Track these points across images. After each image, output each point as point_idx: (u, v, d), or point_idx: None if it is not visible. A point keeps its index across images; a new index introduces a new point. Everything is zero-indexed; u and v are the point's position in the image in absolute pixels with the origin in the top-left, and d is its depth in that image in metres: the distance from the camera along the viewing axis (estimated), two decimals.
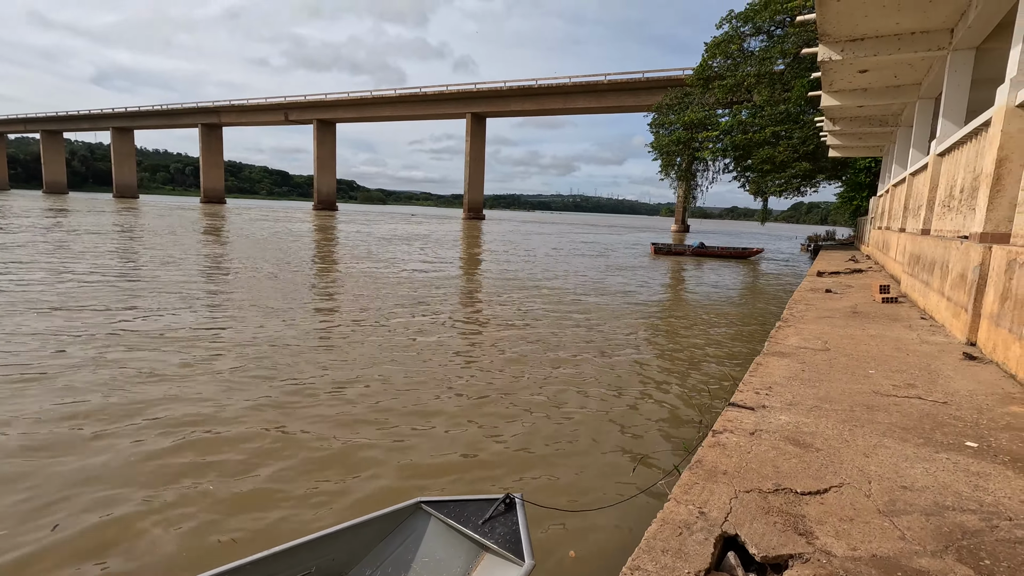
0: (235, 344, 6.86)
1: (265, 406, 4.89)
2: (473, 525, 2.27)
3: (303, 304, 9.68)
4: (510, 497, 2.35)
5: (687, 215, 67.73)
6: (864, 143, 17.42)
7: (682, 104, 32.52)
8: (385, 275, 14.11)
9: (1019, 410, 2.83)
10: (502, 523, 2.26)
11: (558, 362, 6.76)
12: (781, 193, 32.10)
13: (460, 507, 2.35)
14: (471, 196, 73.40)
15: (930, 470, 2.17)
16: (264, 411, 4.77)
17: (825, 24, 7.22)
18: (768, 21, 26.49)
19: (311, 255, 18.46)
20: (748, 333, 9.15)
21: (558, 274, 16.33)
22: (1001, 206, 4.24)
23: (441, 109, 71.96)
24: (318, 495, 3.48)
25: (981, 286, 4.13)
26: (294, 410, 4.84)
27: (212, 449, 4.01)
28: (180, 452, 3.94)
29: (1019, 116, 4.12)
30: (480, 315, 9.54)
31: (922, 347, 4.34)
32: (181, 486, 3.49)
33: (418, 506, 2.40)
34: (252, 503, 3.35)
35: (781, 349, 4.23)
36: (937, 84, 9.31)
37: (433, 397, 5.33)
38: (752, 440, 2.46)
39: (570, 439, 4.51)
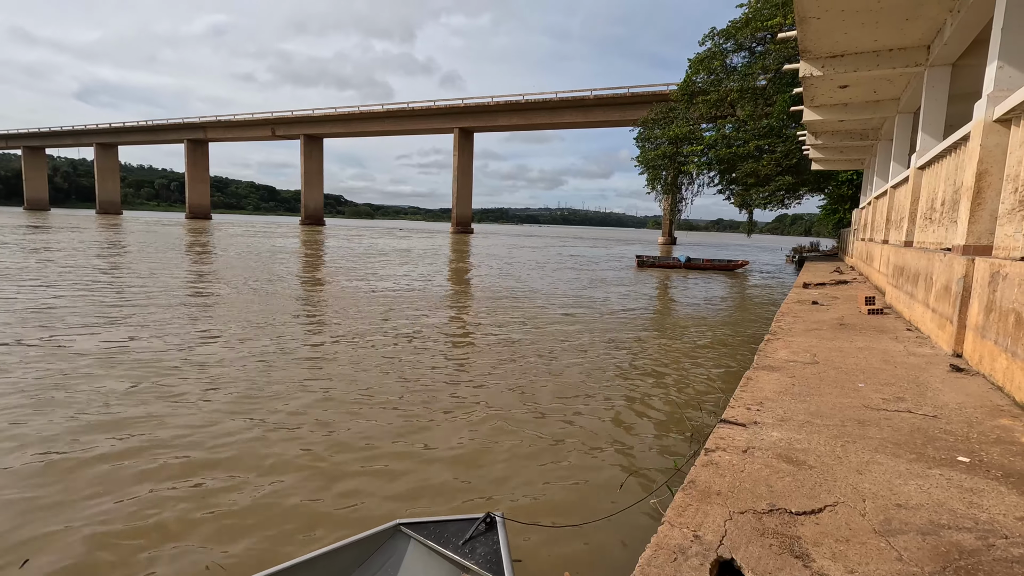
0: (207, 364, 6.73)
1: (243, 428, 4.78)
2: (453, 546, 2.23)
3: (281, 321, 9.56)
4: (491, 516, 2.32)
5: (674, 227, 68.36)
6: (846, 156, 17.73)
7: (667, 119, 32.98)
8: (366, 291, 14.01)
9: (1008, 423, 2.83)
10: (483, 543, 2.23)
11: (542, 377, 6.70)
12: (766, 206, 32.56)
13: (440, 528, 2.31)
14: (459, 210, 73.54)
15: (924, 487, 2.15)
16: (242, 432, 4.66)
17: (806, 41, 7.36)
18: (749, 38, 27.04)
19: (293, 271, 18.30)
20: (737, 345, 9.18)
21: (541, 288, 16.28)
22: (982, 219, 4.30)
23: (429, 124, 72.32)
24: (296, 518, 3.39)
25: (965, 298, 4.17)
26: (273, 430, 4.73)
27: (186, 473, 3.90)
28: (155, 477, 3.82)
29: (996, 131, 4.20)
30: (463, 332, 9.47)
31: (909, 359, 4.36)
32: (159, 512, 3.38)
33: (397, 528, 2.35)
34: (228, 529, 3.25)
35: (771, 363, 4.22)
36: (915, 99, 9.51)
37: (414, 414, 5.26)
38: (745, 458, 2.43)
39: (557, 455, 4.46)
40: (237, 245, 29.64)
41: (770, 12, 25.08)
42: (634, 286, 18.26)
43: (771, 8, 25.03)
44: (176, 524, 3.26)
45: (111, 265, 17.37)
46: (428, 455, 4.38)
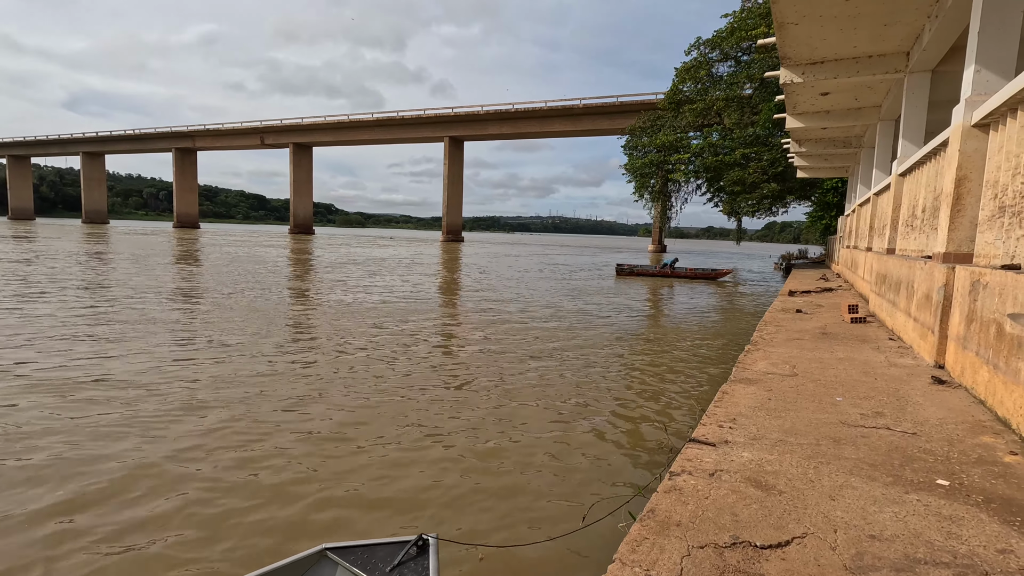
0: (165, 380, 6.50)
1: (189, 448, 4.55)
2: (380, 572, 2.07)
3: (254, 334, 9.33)
4: (423, 538, 2.17)
5: (664, 235, 68.63)
6: (830, 164, 17.79)
7: (655, 127, 33.13)
8: (347, 300, 13.78)
9: (990, 440, 2.69)
10: (412, 568, 2.08)
11: (507, 394, 6.44)
12: (754, 213, 32.72)
13: (368, 552, 2.15)
14: (450, 219, 73.42)
15: (900, 514, 1.99)
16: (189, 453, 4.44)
17: (785, 47, 7.30)
18: (734, 47, 27.24)
19: (275, 281, 18.03)
20: (717, 357, 9.05)
21: (515, 299, 15.94)
22: (962, 226, 4.19)
23: (419, 133, 72.34)
24: (228, 539, 3.17)
25: (946, 307, 4.05)
26: (225, 449, 4.51)
27: (100, 497, 3.68)
28: (72, 509, 3.60)
29: (975, 136, 4.10)
30: (439, 341, 9.26)
31: (890, 370, 4.23)
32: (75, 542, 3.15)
33: (323, 553, 2.18)
34: (142, 557, 3.03)
35: (748, 375, 4.08)
36: (896, 106, 9.50)
37: (360, 430, 5.06)
38: (711, 483, 2.26)
39: (518, 471, 4.29)
40: (215, 255, 29.26)
41: (754, 22, 25.31)
42: (612, 296, 17.65)
43: (755, 18, 25.27)
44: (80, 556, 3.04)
45: (92, 277, 17.02)
46: (368, 472, 4.20)
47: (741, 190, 28.55)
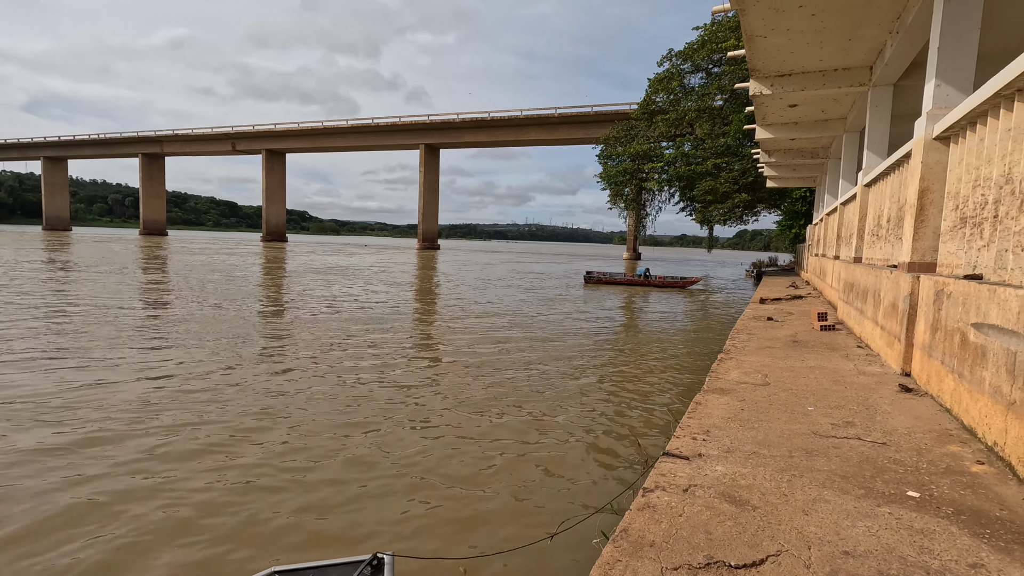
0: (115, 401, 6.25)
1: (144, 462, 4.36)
2: None
3: (208, 342, 9.06)
4: (378, 558, 2.07)
5: (638, 243, 69.41)
6: (798, 174, 18.22)
7: (628, 136, 33.56)
8: (317, 311, 13.51)
9: (957, 449, 2.71)
10: None
11: (479, 402, 6.37)
12: (725, 222, 33.31)
13: (319, 574, 2.04)
14: (426, 226, 73.06)
15: (872, 529, 1.98)
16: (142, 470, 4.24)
17: (754, 59, 7.44)
18: (705, 59, 27.80)
19: (243, 291, 17.61)
20: (690, 365, 9.11)
21: (482, 309, 15.84)
22: (926, 236, 4.28)
23: (394, 140, 71.97)
24: (176, 561, 3.02)
25: (912, 316, 4.11)
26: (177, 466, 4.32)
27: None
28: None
29: (936, 148, 4.20)
30: (407, 353, 9.10)
31: (859, 379, 4.27)
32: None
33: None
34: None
35: (721, 385, 4.07)
36: (861, 118, 9.76)
37: (321, 445, 4.92)
38: (685, 499, 2.22)
39: (485, 486, 4.20)
40: (180, 263, 28.49)
41: (724, 35, 25.88)
42: (581, 304, 17.38)
43: (725, 31, 25.84)
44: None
45: (52, 288, 16.38)
46: (328, 490, 4.06)
47: (713, 199, 29.07)
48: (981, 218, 3.31)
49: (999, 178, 3.08)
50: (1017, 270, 2.78)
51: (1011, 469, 2.42)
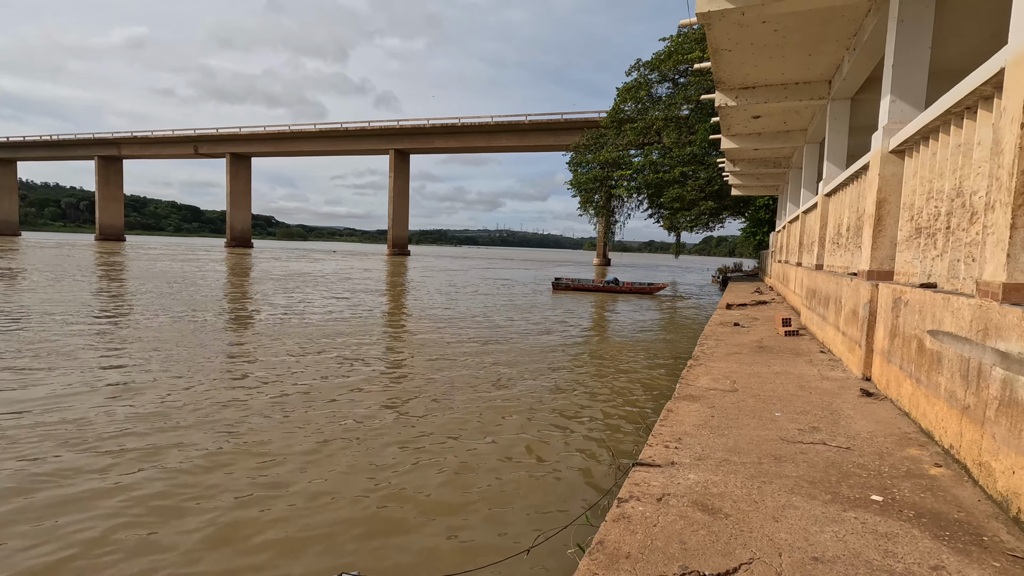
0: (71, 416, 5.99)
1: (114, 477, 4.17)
2: None
3: (174, 359, 8.77)
4: None
5: (608, 249, 70.23)
6: (762, 183, 18.75)
7: (598, 144, 34.00)
8: (283, 320, 13.21)
9: (916, 453, 2.81)
10: None
11: (447, 412, 6.26)
12: (692, 228, 34.01)
13: None
14: (395, 232, 72.39)
15: (839, 534, 2.03)
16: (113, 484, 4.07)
17: (720, 72, 7.63)
18: (672, 70, 28.41)
19: (205, 299, 17.11)
20: (660, 373, 9.23)
21: (459, 312, 15.80)
22: (884, 245, 4.45)
23: (364, 145, 71.18)
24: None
25: (872, 323, 4.26)
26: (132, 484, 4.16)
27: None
28: None
29: (892, 161, 4.38)
30: (373, 363, 8.95)
31: (823, 384, 4.40)
32: None
33: None
34: None
35: (691, 392, 4.14)
36: (821, 130, 10.11)
37: (283, 457, 4.80)
38: (659, 508, 2.24)
39: (456, 499, 4.15)
40: (135, 270, 27.52)
41: (690, 47, 26.52)
42: (548, 311, 17.07)
43: (691, 43, 26.49)
44: None
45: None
46: (292, 506, 3.97)
47: (681, 207, 29.67)
48: (935, 229, 3.46)
49: (951, 191, 3.22)
50: (968, 279, 2.91)
51: (966, 471, 2.52)
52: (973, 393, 2.48)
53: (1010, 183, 2.29)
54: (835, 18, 5.86)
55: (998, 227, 2.37)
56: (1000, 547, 1.92)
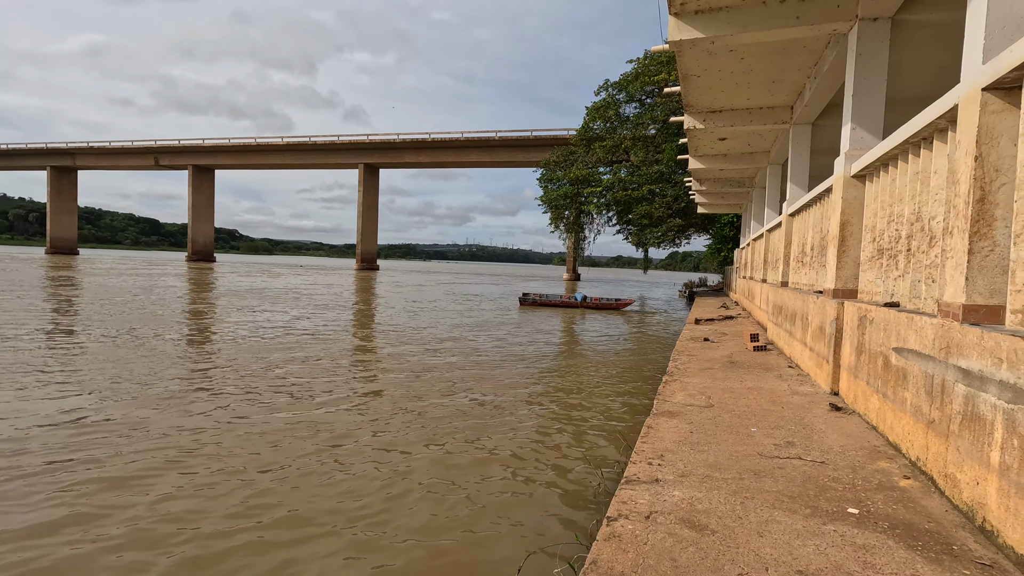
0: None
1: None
2: None
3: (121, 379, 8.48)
4: None
5: (577, 264, 71.00)
6: (726, 201, 19.35)
7: (568, 161, 34.54)
8: (243, 336, 12.90)
9: (886, 466, 2.94)
10: None
11: (421, 435, 6.11)
12: (659, 244, 34.72)
13: None
14: (364, 246, 71.66)
15: (821, 547, 2.11)
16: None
17: (688, 96, 7.91)
18: (639, 91, 29.20)
19: (159, 315, 16.57)
20: (633, 389, 9.35)
21: (426, 329, 15.72)
22: (848, 264, 4.66)
23: (332, 159, 70.52)
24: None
25: (838, 339, 4.45)
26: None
27: None
28: None
29: (854, 185, 4.62)
30: (340, 382, 8.80)
31: (794, 398, 4.56)
32: None
33: None
34: None
35: (669, 408, 4.22)
36: (783, 152, 10.54)
37: (242, 490, 4.67)
38: (648, 527, 2.28)
39: (440, 521, 4.11)
40: (88, 286, 26.45)
41: (656, 68, 27.35)
42: (516, 328, 16.84)
43: (657, 65, 27.32)
44: None
45: None
46: (264, 534, 3.87)
47: (649, 223, 30.31)
48: (896, 251, 3.65)
49: (910, 215, 3.42)
50: (929, 299, 3.09)
51: (933, 483, 2.65)
52: (938, 408, 2.62)
53: (966, 211, 2.45)
54: (797, 49, 6.18)
55: (957, 252, 2.53)
56: (969, 555, 2.03)
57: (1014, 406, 1.99)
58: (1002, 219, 2.36)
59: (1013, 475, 1.98)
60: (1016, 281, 2.19)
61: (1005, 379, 2.06)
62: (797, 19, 4.85)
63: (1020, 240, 2.16)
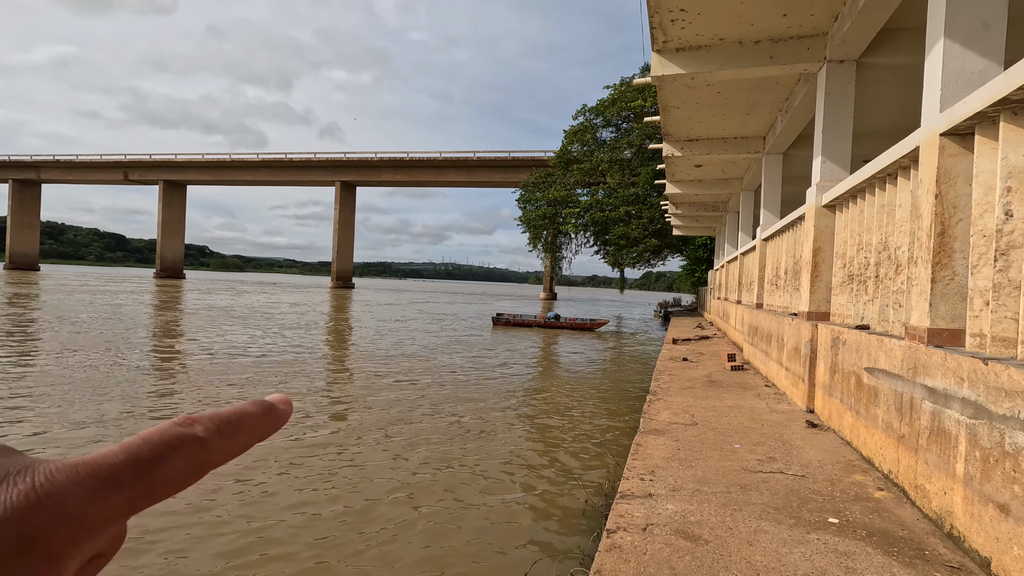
0: None
1: None
2: None
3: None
4: None
5: (554, 283, 71.53)
6: (701, 224, 19.92)
7: (546, 183, 35.09)
8: (212, 357, 12.71)
9: (861, 479, 3.14)
10: None
11: (403, 465, 5.94)
12: (636, 265, 35.35)
13: None
14: (340, 264, 71.00)
15: (807, 554, 2.27)
16: None
17: (667, 126, 8.27)
18: (616, 116, 30.01)
19: (123, 337, 16.21)
20: (617, 409, 9.51)
21: (401, 351, 15.66)
22: (820, 288, 4.93)
23: (308, 176, 70.08)
24: None
25: (813, 359, 4.69)
26: None
27: None
28: None
29: (825, 214, 4.92)
30: (325, 406, 8.74)
31: (772, 416, 4.77)
32: None
33: None
34: None
35: (655, 426, 4.38)
36: (756, 179, 11.01)
37: (225, 506, 4.68)
38: (646, 538, 2.41)
39: (439, 547, 4.15)
40: (50, 303, 25.65)
41: (632, 95, 28.19)
42: (487, 351, 16.21)
43: (633, 92, 28.16)
44: None
45: None
46: (247, 558, 3.89)
47: (626, 244, 30.91)
48: (865, 276, 3.92)
49: (878, 244, 3.69)
50: (897, 323, 3.33)
51: (905, 494, 2.86)
52: (907, 424, 2.83)
53: (929, 243, 2.70)
54: (771, 85, 6.56)
55: (921, 280, 2.78)
56: (939, 559, 2.22)
57: (976, 421, 2.20)
58: (960, 251, 2.61)
59: (976, 485, 2.18)
60: (974, 308, 2.43)
61: (967, 396, 2.27)
62: (771, 59, 5.19)
63: (977, 271, 2.41)
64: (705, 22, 4.98)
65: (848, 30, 4.62)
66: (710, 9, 4.78)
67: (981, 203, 2.42)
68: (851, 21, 4.51)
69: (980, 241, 2.40)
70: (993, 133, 2.37)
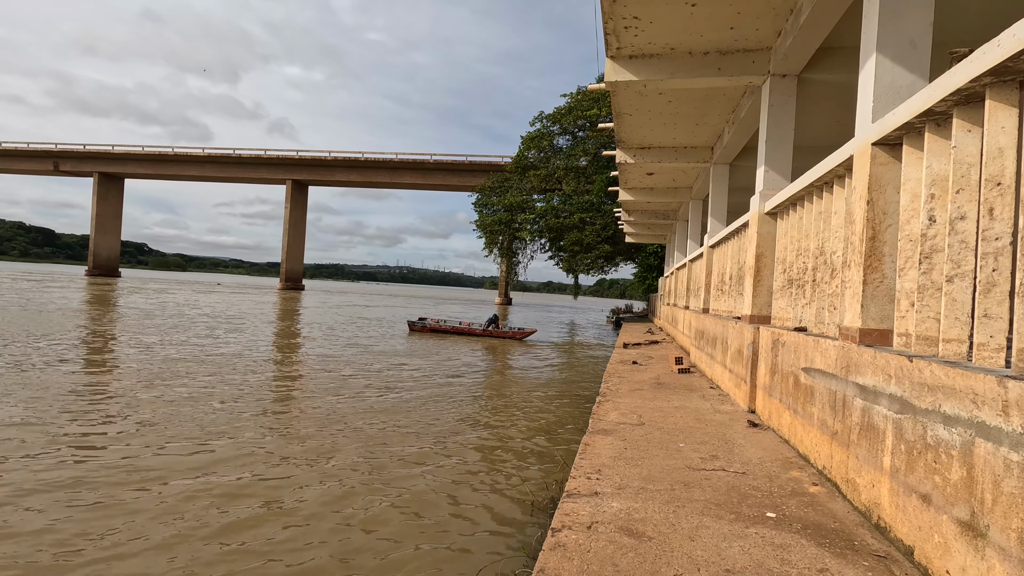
0: None
1: None
2: None
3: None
4: None
5: (509, 288, 71.71)
6: (652, 232, 20.42)
7: (503, 188, 35.22)
8: (124, 365, 12.07)
9: (797, 475, 3.25)
10: None
11: (339, 475, 5.58)
12: (589, 271, 35.90)
13: None
14: (290, 265, 68.88)
15: (745, 547, 2.31)
16: None
17: (621, 133, 8.42)
18: (572, 124, 30.47)
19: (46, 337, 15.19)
20: (564, 414, 9.57)
21: (303, 359, 15.37)
22: (762, 293, 5.11)
23: (258, 174, 67.79)
24: None
25: (755, 361, 4.85)
26: None
27: None
28: None
29: (767, 221, 5.10)
30: (259, 410, 8.50)
31: (716, 416, 4.89)
32: None
33: None
34: None
35: (604, 426, 4.42)
36: (705, 188, 11.37)
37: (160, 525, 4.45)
38: (590, 536, 2.40)
39: (385, 550, 4.05)
40: None
41: (588, 104, 28.69)
42: (406, 358, 14.49)
43: (589, 101, 28.67)
44: None
45: None
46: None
47: (580, 250, 31.36)
48: (804, 281, 4.08)
49: (815, 250, 3.85)
50: (832, 324, 3.47)
51: (837, 488, 2.97)
52: (840, 421, 2.95)
53: (861, 247, 2.83)
54: (719, 96, 6.79)
55: (853, 283, 2.90)
56: (868, 549, 2.31)
57: (901, 416, 2.30)
58: (889, 255, 2.74)
59: (901, 476, 2.28)
60: (901, 309, 2.55)
61: (894, 392, 2.38)
62: (719, 70, 5.36)
63: (904, 274, 2.53)
64: (657, 31, 5.10)
65: (790, 45, 4.83)
66: (662, 18, 4.90)
67: (908, 209, 2.55)
68: (793, 37, 4.72)
69: (907, 245, 2.53)
70: (919, 143, 2.50)
